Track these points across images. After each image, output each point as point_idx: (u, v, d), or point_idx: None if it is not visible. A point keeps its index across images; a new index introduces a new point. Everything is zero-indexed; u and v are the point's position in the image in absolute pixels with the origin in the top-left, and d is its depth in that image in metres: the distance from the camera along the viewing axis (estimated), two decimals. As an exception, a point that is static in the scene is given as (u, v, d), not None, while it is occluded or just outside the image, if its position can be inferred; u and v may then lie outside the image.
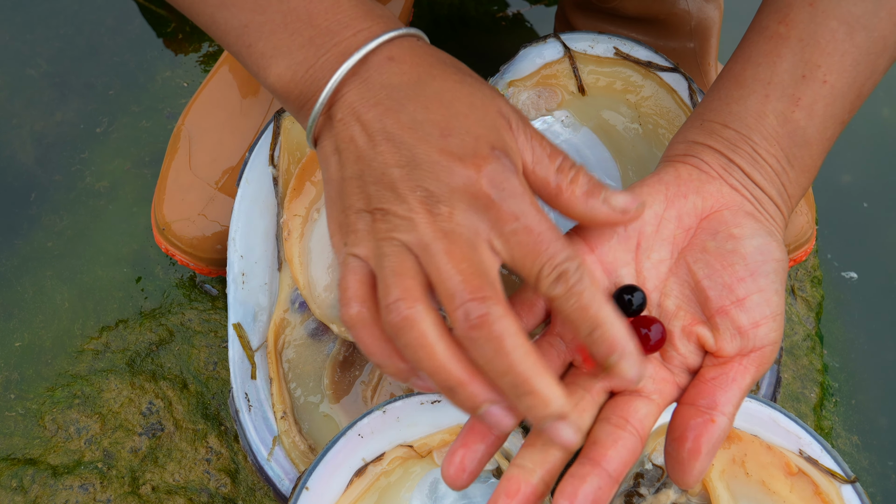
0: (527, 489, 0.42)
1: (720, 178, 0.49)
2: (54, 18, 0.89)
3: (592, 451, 0.43)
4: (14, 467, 0.67)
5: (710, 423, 0.44)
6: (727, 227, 0.48)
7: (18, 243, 0.78)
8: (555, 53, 0.70)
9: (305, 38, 0.46)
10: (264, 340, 0.64)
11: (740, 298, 0.46)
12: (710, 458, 0.44)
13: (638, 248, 0.48)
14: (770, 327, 0.46)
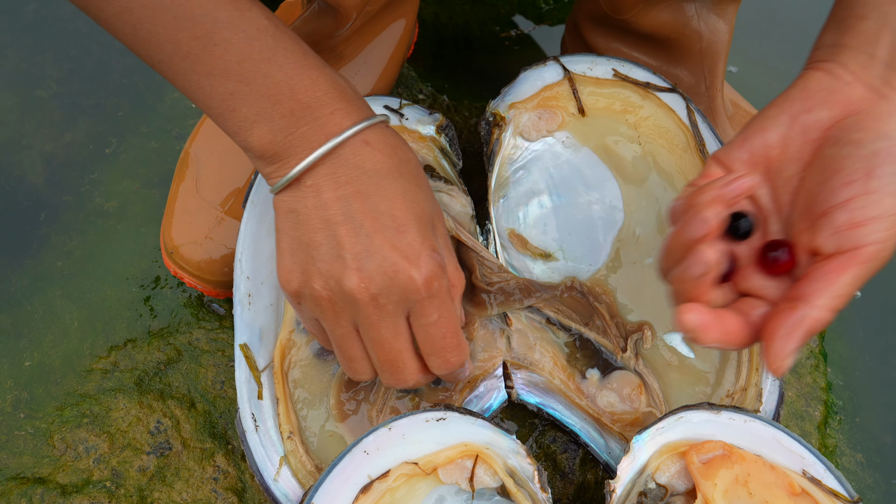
0: None
1: (855, 79, 0.50)
2: (64, 40, 0.90)
3: (719, 310, 0.50)
4: (23, 486, 0.67)
5: (791, 310, 0.47)
6: (850, 133, 0.49)
7: (28, 263, 0.79)
8: (555, 75, 0.71)
9: (286, 109, 0.51)
10: (270, 361, 0.65)
11: (844, 201, 0.48)
12: (790, 342, 0.47)
13: (768, 171, 0.52)
14: (874, 227, 0.47)
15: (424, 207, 0.54)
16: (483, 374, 0.66)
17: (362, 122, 0.53)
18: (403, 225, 0.53)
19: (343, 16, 0.70)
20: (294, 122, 0.52)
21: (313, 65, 0.53)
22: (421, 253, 0.53)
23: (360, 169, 0.52)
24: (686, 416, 0.60)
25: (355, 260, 0.52)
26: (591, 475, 0.69)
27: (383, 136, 0.54)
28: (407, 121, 0.71)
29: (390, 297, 0.53)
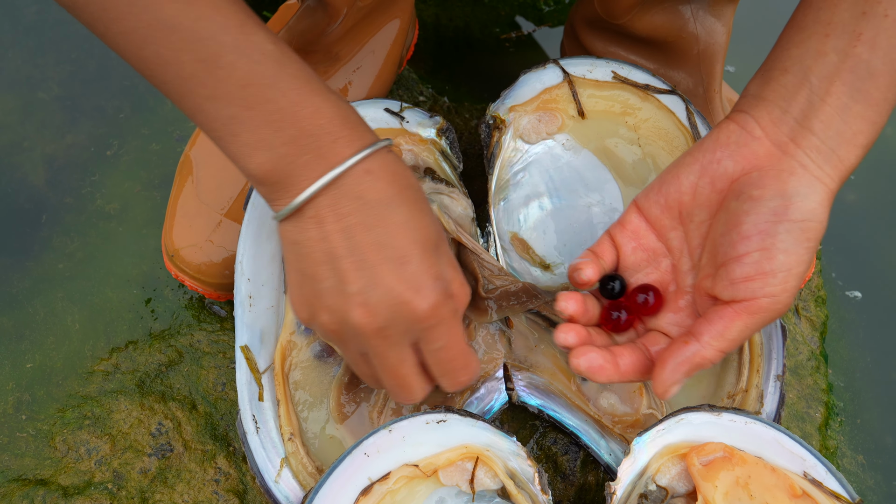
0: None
1: (764, 134, 0.53)
2: (65, 42, 0.90)
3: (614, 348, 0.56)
4: (25, 488, 0.67)
5: (683, 344, 0.53)
6: (750, 189, 0.52)
7: (30, 265, 0.79)
8: (554, 78, 0.71)
9: (288, 136, 0.51)
10: (271, 362, 0.65)
11: (740, 255, 0.52)
12: (677, 373, 0.53)
13: (681, 216, 0.57)
14: (767, 281, 0.51)
15: (427, 233, 0.54)
16: (484, 375, 0.66)
17: (364, 149, 0.52)
18: (406, 255, 0.52)
19: (333, 11, 0.70)
20: (296, 150, 0.51)
21: (317, 91, 0.52)
22: (424, 282, 0.52)
23: (361, 199, 0.52)
24: (687, 417, 0.60)
25: (360, 294, 0.52)
26: (591, 477, 0.69)
27: (385, 164, 0.53)
28: (408, 124, 0.71)
29: (396, 329, 0.53)
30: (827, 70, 0.52)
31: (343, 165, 0.51)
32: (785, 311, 0.54)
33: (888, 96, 0.52)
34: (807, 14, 0.54)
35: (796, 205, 0.51)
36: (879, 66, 0.51)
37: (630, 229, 0.58)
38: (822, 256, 0.86)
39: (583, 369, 0.54)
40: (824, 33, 0.53)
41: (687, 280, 0.57)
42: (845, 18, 0.52)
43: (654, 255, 0.58)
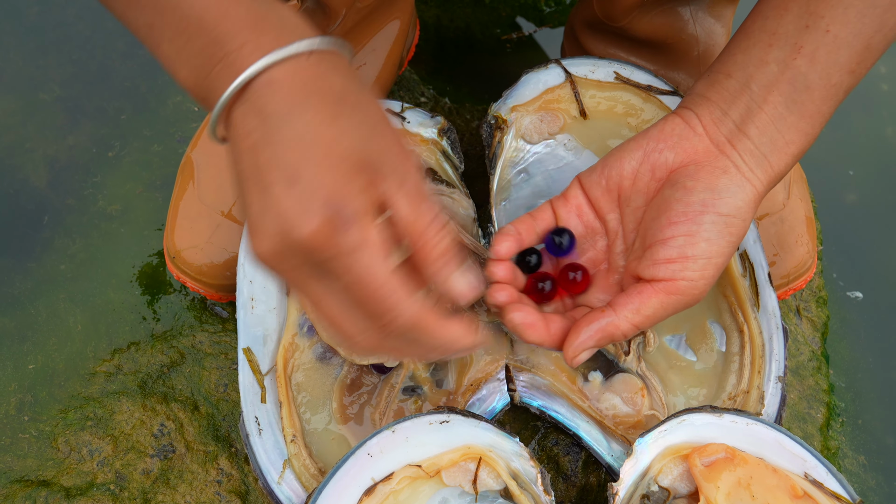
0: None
1: (704, 132, 0.56)
2: (67, 44, 0.90)
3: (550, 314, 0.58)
4: (28, 489, 0.67)
5: (599, 312, 0.56)
6: (685, 180, 0.55)
7: (32, 266, 0.79)
8: (556, 78, 0.71)
9: (198, 47, 0.47)
10: (274, 364, 0.65)
11: (666, 238, 0.55)
12: (589, 340, 0.55)
13: (619, 199, 0.59)
14: (686, 265, 0.54)
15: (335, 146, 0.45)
16: (486, 376, 0.66)
17: (267, 55, 0.45)
18: (296, 172, 0.45)
19: (332, 12, 0.70)
20: (207, 61, 0.46)
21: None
22: (311, 204, 0.44)
23: (262, 113, 0.45)
24: (688, 418, 0.60)
25: (258, 219, 0.45)
26: (593, 478, 0.69)
27: (294, 72, 0.46)
28: (409, 124, 0.71)
29: (293, 260, 0.46)
30: (767, 79, 0.55)
31: (239, 78, 0.45)
32: (700, 299, 0.56)
33: (822, 109, 0.55)
34: (755, 21, 0.57)
35: (724, 200, 0.54)
36: (816, 80, 0.54)
37: (574, 204, 0.60)
38: (823, 257, 0.86)
39: (517, 323, 0.56)
40: (768, 43, 0.55)
41: (619, 261, 0.60)
42: (789, 30, 0.55)
43: (591, 233, 0.60)
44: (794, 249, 0.72)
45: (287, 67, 0.46)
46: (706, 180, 0.55)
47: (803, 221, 0.74)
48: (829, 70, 0.54)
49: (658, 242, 0.55)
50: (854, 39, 0.54)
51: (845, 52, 0.54)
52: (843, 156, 0.94)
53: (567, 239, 0.59)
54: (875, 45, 0.55)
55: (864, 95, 0.98)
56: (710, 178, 0.55)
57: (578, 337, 0.55)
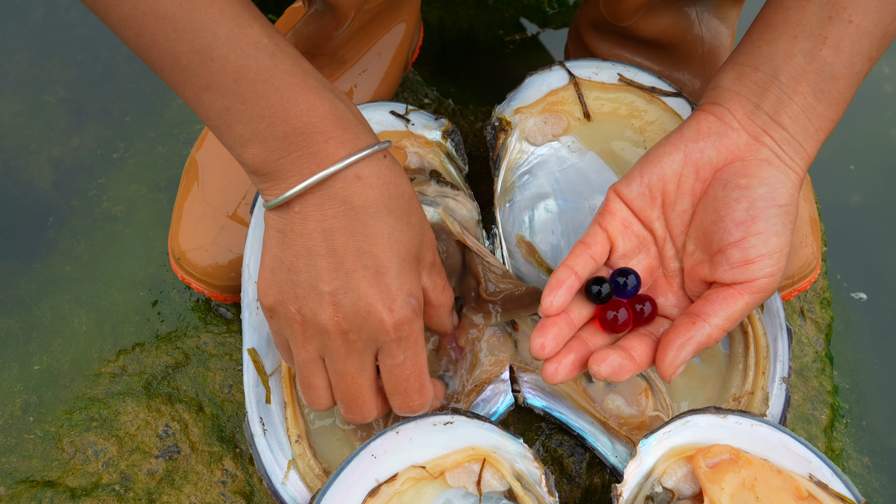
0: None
1: (741, 126, 0.56)
2: (71, 45, 0.91)
3: (623, 343, 0.56)
4: (33, 489, 0.68)
5: (690, 324, 0.55)
6: (736, 178, 0.56)
7: (37, 267, 0.79)
8: (560, 80, 0.71)
9: (280, 132, 0.51)
10: (278, 365, 0.65)
11: (738, 240, 0.55)
12: (683, 351, 0.55)
13: (664, 205, 0.58)
14: (764, 263, 0.55)
15: (410, 246, 0.55)
16: (490, 378, 0.66)
17: (356, 153, 0.52)
18: (383, 266, 0.53)
19: (341, 14, 0.70)
20: (287, 146, 0.52)
21: (311, 88, 0.52)
22: (397, 297, 0.54)
23: (347, 204, 0.52)
24: (693, 419, 0.60)
25: (332, 294, 0.53)
26: (597, 479, 0.69)
27: (378, 170, 0.53)
28: (413, 126, 0.71)
29: (360, 335, 0.54)
30: (794, 70, 0.56)
31: (331, 168, 0.52)
32: (777, 289, 0.58)
33: (846, 97, 0.57)
34: (777, 13, 0.57)
35: (779, 191, 0.55)
36: (841, 70, 0.56)
37: (619, 218, 0.59)
38: (827, 258, 0.86)
39: (604, 375, 0.55)
40: (793, 34, 0.56)
41: (672, 265, 0.59)
42: (813, 21, 0.56)
43: (643, 243, 0.60)
44: (799, 251, 0.72)
45: (371, 165, 0.53)
46: (758, 175, 0.55)
47: (808, 222, 0.74)
48: (853, 59, 0.55)
49: (730, 246, 0.55)
50: (875, 28, 0.55)
51: (867, 40, 0.55)
52: (847, 157, 0.94)
53: (633, 279, 0.57)
54: (892, 32, 0.56)
55: (869, 96, 0.98)
56: (760, 172, 0.55)
57: (676, 354, 0.54)
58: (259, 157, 0.52)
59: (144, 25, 0.50)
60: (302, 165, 0.52)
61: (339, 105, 0.53)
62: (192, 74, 0.51)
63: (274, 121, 0.51)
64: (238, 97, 0.51)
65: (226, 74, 0.50)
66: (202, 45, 0.50)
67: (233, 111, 0.51)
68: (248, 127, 0.51)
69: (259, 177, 0.54)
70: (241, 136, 0.52)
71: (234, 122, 0.52)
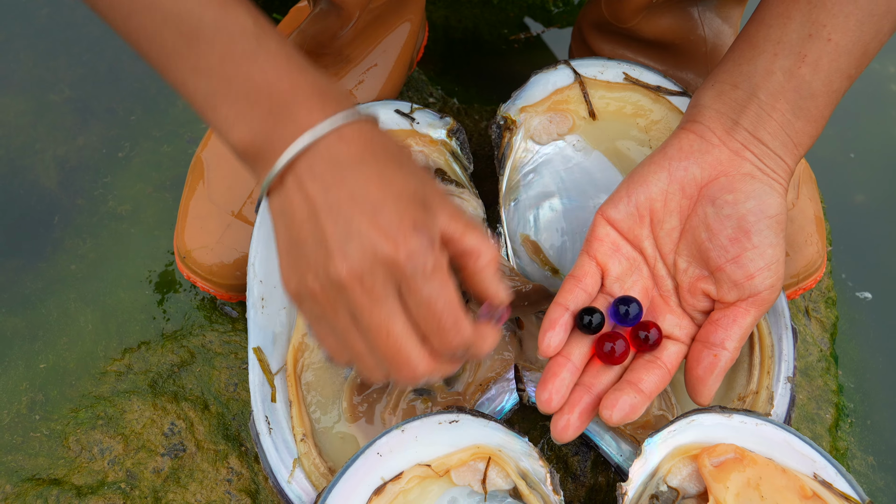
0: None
1: (721, 143, 0.57)
2: (76, 45, 0.91)
3: (630, 377, 0.57)
4: (39, 487, 0.68)
5: (714, 357, 0.57)
6: (723, 194, 0.57)
7: (42, 266, 0.79)
8: (565, 79, 0.71)
9: (265, 110, 0.52)
10: (284, 364, 0.65)
11: (735, 256, 0.56)
12: (716, 382, 0.57)
13: (652, 223, 0.59)
14: (764, 276, 0.56)
15: (405, 186, 0.52)
16: (495, 376, 0.66)
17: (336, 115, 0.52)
18: (379, 204, 0.51)
19: (346, 14, 0.70)
20: (272, 122, 0.52)
21: (296, 67, 0.53)
22: (401, 229, 0.50)
23: (334, 160, 0.52)
24: (698, 419, 0.60)
25: (337, 245, 0.51)
26: (602, 478, 0.69)
27: (359, 129, 0.53)
28: (418, 125, 0.71)
29: (376, 278, 0.51)
30: (773, 88, 0.57)
31: (316, 128, 0.51)
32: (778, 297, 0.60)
33: (825, 113, 0.58)
34: (759, 30, 0.58)
35: (767, 202, 0.56)
36: (819, 87, 0.57)
37: (608, 242, 0.60)
38: (832, 258, 0.86)
39: (617, 420, 0.55)
40: (773, 52, 0.57)
41: (665, 284, 0.60)
42: (793, 39, 0.57)
43: (634, 264, 0.60)
44: (804, 249, 0.73)
45: (353, 127, 0.52)
46: (743, 189, 0.56)
47: (813, 221, 0.74)
48: (831, 77, 0.57)
49: (728, 262, 0.56)
50: (853, 47, 0.56)
51: (845, 59, 0.56)
52: (852, 156, 0.94)
53: (636, 307, 0.58)
54: (871, 50, 0.57)
55: (874, 96, 0.98)
56: (745, 186, 0.56)
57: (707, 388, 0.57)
58: (247, 138, 0.53)
59: (132, 10, 0.51)
60: (288, 137, 0.52)
61: (323, 82, 0.54)
62: (177, 58, 0.51)
63: (259, 99, 0.52)
64: (223, 79, 0.51)
65: (212, 57, 0.51)
66: (188, 28, 0.51)
67: (218, 93, 0.52)
68: (234, 108, 0.52)
69: (250, 161, 0.54)
70: (226, 118, 0.52)
71: (220, 104, 0.52)
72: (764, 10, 0.59)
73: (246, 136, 0.52)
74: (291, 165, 0.52)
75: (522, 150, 0.71)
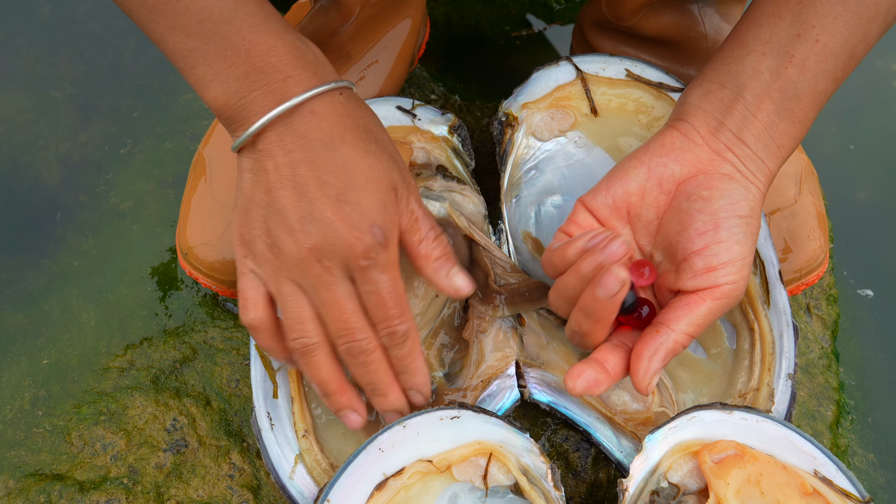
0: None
1: (704, 142, 0.58)
2: (78, 42, 0.91)
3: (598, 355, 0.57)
4: (42, 483, 0.68)
5: (654, 333, 0.56)
6: (699, 190, 0.57)
7: (45, 262, 0.80)
8: (567, 76, 0.71)
9: (241, 72, 0.53)
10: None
11: (701, 248, 0.56)
12: (652, 361, 0.56)
13: (629, 216, 0.60)
14: (727, 270, 0.56)
15: (370, 174, 0.55)
16: (496, 373, 0.66)
17: (310, 90, 0.54)
18: (343, 195, 0.54)
19: (347, 10, 0.70)
20: (248, 84, 0.53)
21: (273, 30, 0.54)
22: (360, 224, 0.54)
23: (304, 138, 0.54)
24: (698, 415, 0.60)
25: (300, 221, 0.54)
26: (603, 474, 0.69)
27: (331, 106, 0.55)
28: (419, 121, 0.71)
29: (334, 260, 0.54)
30: (760, 88, 0.57)
31: (286, 104, 0.53)
32: (742, 297, 0.59)
33: (809, 115, 0.58)
34: (749, 29, 0.58)
35: (740, 203, 0.56)
36: (805, 88, 0.57)
37: (586, 227, 0.60)
38: (833, 255, 0.86)
39: (580, 390, 0.56)
40: (761, 52, 0.57)
41: None
42: (781, 39, 0.57)
43: None
44: (807, 244, 0.73)
45: (325, 101, 0.54)
46: (719, 188, 0.57)
47: (815, 216, 0.74)
48: (818, 78, 0.57)
49: (693, 254, 0.56)
50: (841, 49, 0.56)
51: (832, 61, 0.56)
52: (854, 153, 0.94)
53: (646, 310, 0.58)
54: (858, 53, 0.57)
55: (877, 93, 0.98)
56: (722, 185, 0.57)
57: (647, 364, 0.56)
58: (221, 99, 0.54)
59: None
60: (261, 104, 0.54)
61: (299, 46, 0.55)
62: (158, 15, 0.53)
63: (235, 61, 0.53)
64: (201, 38, 0.53)
65: (190, 15, 0.52)
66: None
67: (196, 52, 0.53)
68: (211, 68, 0.53)
69: (225, 119, 0.55)
70: (203, 76, 0.54)
71: (198, 62, 0.53)
72: (755, 10, 0.59)
73: (221, 96, 0.54)
74: (263, 132, 0.54)
75: (524, 146, 0.71)
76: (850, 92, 0.96)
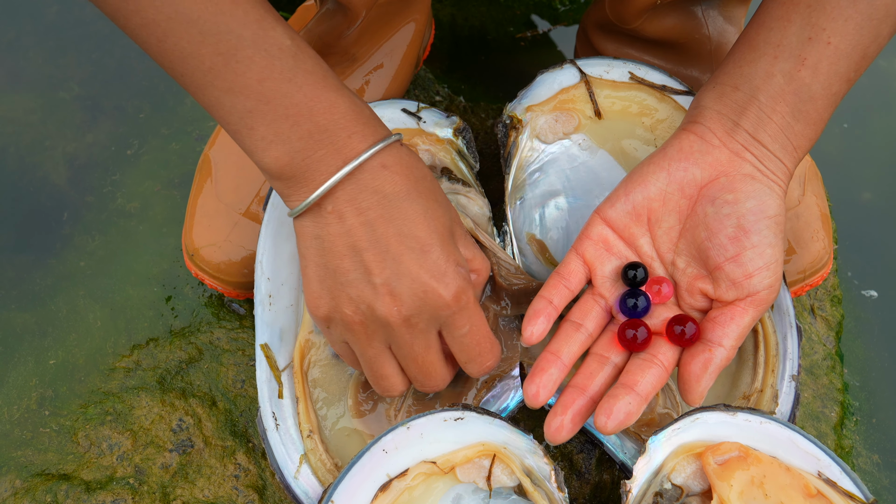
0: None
1: (722, 144, 0.57)
2: (85, 43, 0.91)
3: (626, 379, 0.56)
4: (48, 482, 0.69)
5: (709, 352, 0.56)
6: (723, 194, 0.57)
7: (52, 263, 0.80)
8: (571, 78, 0.71)
9: (304, 131, 0.52)
10: (290, 361, 0.65)
11: (734, 255, 0.56)
12: (709, 380, 0.56)
13: (649, 222, 0.59)
14: (763, 276, 0.56)
15: (444, 222, 0.56)
16: (500, 374, 0.66)
17: (378, 143, 0.53)
18: (427, 244, 0.54)
19: (353, 13, 0.70)
20: (311, 144, 0.52)
21: (332, 87, 0.53)
22: (447, 270, 0.54)
23: (380, 193, 0.53)
24: (702, 417, 0.60)
25: (385, 284, 0.54)
26: (607, 475, 0.69)
27: (399, 157, 0.54)
28: (424, 124, 0.71)
29: (422, 317, 0.55)
30: (774, 91, 0.57)
31: (359, 159, 0.52)
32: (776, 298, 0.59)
33: (823, 116, 0.58)
34: (759, 33, 0.58)
35: (767, 203, 0.56)
36: (819, 91, 0.56)
37: (599, 241, 0.59)
38: (838, 255, 0.85)
39: (612, 429, 0.54)
40: (773, 55, 0.57)
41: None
42: (793, 42, 0.57)
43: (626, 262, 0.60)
44: (811, 245, 0.73)
45: (392, 154, 0.54)
46: (743, 189, 0.56)
47: (819, 217, 0.74)
48: (830, 80, 0.57)
49: (727, 261, 0.56)
50: (853, 51, 0.56)
51: (844, 62, 0.56)
52: (858, 154, 0.94)
53: (643, 301, 0.58)
54: (870, 54, 0.57)
55: (881, 94, 0.98)
56: (745, 187, 0.56)
57: (704, 385, 0.56)
58: (283, 159, 0.52)
59: (168, 30, 0.50)
60: (328, 162, 0.52)
61: (357, 102, 0.54)
62: (214, 77, 0.51)
63: (298, 119, 0.52)
64: (262, 98, 0.51)
65: (250, 75, 0.51)
66: (227, 47, 0.50)
67: (256, 112, 0.51)
68: (272, 128, 0.52)
69: (283, 181, 0.54)
70: (263, 137, 0.52)
71: (258, 123, 0.52)
72: (764, 14, 0.59)
73: (283, 156, 0.52)
74: (332, 192, 0.53)
75: (528, 148, 0.71)
76: (855, 92, 0.96)
